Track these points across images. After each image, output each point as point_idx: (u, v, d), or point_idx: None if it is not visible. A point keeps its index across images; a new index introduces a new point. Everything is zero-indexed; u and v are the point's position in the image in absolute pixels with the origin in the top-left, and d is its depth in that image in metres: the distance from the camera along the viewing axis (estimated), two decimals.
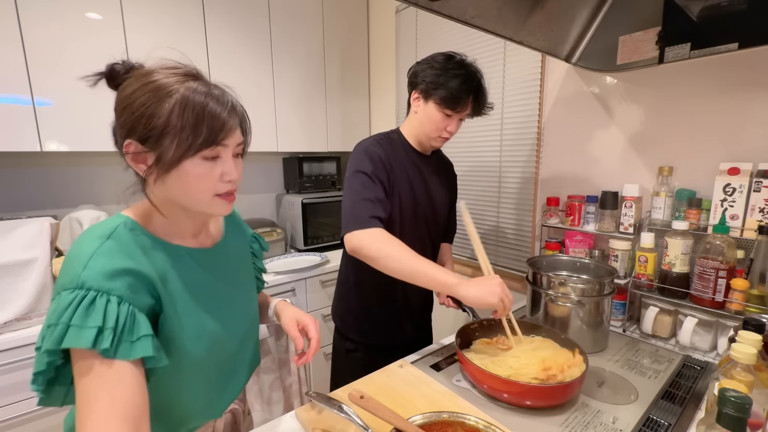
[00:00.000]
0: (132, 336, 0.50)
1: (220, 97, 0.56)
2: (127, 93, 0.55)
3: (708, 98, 1.08)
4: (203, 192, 0.57)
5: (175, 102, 0.53)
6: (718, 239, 0.98)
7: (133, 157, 0.55)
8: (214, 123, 0.54)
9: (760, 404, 0.58)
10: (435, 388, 0.83)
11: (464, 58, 1.01)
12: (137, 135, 0.54)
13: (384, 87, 2.23)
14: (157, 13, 1.53)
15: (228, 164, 0.58)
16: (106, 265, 0.50)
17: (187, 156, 0.54)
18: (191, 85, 0.55)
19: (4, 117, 1.27)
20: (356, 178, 0.98)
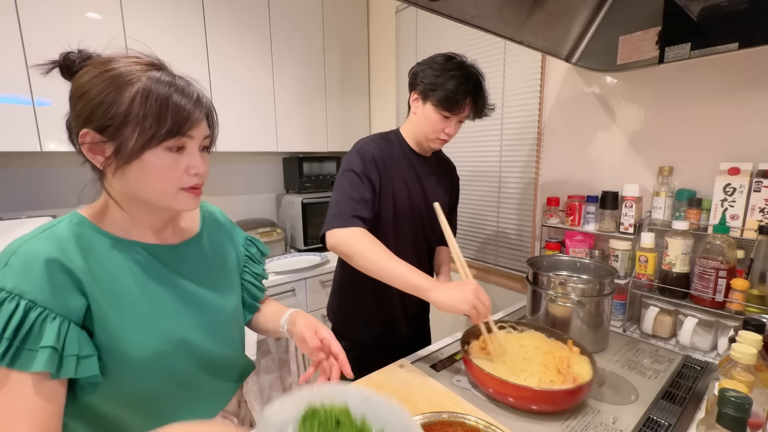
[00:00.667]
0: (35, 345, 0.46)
1: (185, 88, 0.54)
2: (84, 80, 0.52)
3: (708, 98, 1.08)
4: (167, 185, 0.54)
5: (137, 90, 0.50)
6: (719, 239, 0.98)
7: (90, 147, 0.52)
8: (179, 113, 0.52)
9: (760, 404, 0.58)
10: (435, 388, 0.83)
11: (464, 59, 1.01)
12: (95, 124, 0.51)
13: (384, 86, 2.23)
14: (156, 12, 1.53)
15: (194, 157, 0.55)
16: (27, 264, 0.48)
17: (149, 146, 0.51)
18: (154, 74, 0.52)
19: (4, 117, 1.27)
20: (345, 177, 0.99)
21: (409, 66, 2.08)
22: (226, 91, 1.74)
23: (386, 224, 1.06)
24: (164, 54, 1.72)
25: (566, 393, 0.74)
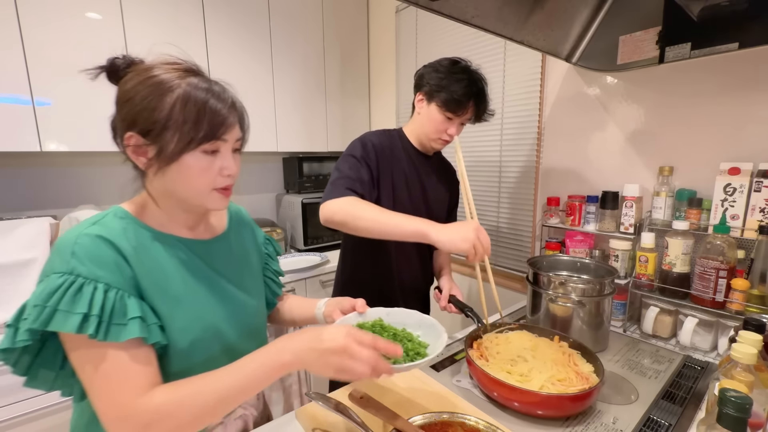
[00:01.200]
0: (121, 319, 0.51)
1: (221, 94, 0.57)
2: (128, 87, 0.56)
3: (708, 98, 1.08)
4: (202, 185, 0.58)
5: (177, 96, 0.54)
6: (719, 239, 0.98)
7: (134, 149, 0.56)
8: (215, 118, 0.55)
9: (760, 404, 0.58)
10: (435, 388, 0.83)
11: (469, 64, 1.05)
12: (138, 128, 0.54)
13: (384, 86, 2.23)
14: (156, 13, 1.53)
15: (227, 159, 0.59)
16: (93, 252, 0.51)
17: (188, 149, 0.55)
18: (192, 80, 0.55)
19: (4, 117, 1.27)
20: (344, 161, 1.02)
21: (409, 65, 2.09)
22: None
23: None
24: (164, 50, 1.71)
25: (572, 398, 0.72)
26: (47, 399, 1.18)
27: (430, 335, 0.74)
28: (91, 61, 1.50)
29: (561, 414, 0.75)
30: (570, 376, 0.77)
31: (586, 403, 0.75)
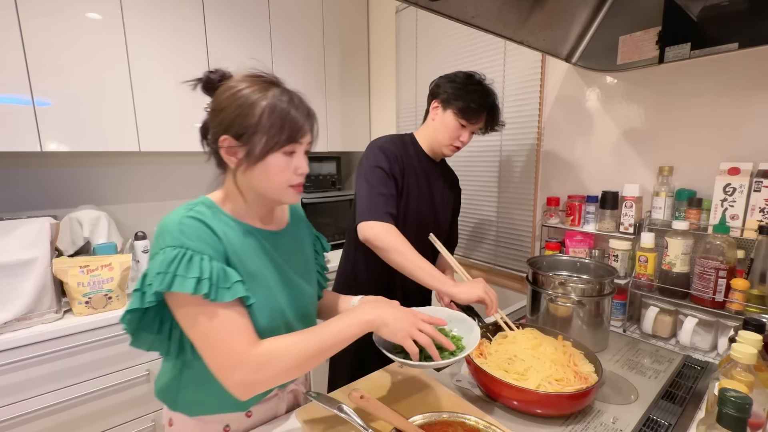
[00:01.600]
0: (226, 283, 0.60)
1: (300, 104, 0.66)
2: (224, 97, 0.64)
3: (708, 98, 1.08)
4: (281, 182, 0.67)
5: (265, 106, 0.63)
6: (719, 239, 0.98)
7: (227, 150, 0.65)
8: (294, 125, 0.64)
9: (760, 404, 0.58)
10: (435, 387, 0.83)
11: (483, 78, 1.11)
12: (233, 132, 0.63)
13: (384, 86, 2.23)
14: (157, 13, 1.53)
15: (301, 159, 0.68)
16: (196, 231, 0.61)
17: (272, 151, 0.64)
18: (276, 91, 0.64)
19: (4, 117, 1.27)
20: (374, 173, 1.05)
21: (409, 66, 2.08)
22: None
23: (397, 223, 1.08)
24: (164, 54, 1.72)
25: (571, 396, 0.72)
26: (47, 399, 1.18)
27: (463, 329, 0.81)
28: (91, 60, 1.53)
29: (559, 412, 0.75)
30: (568, 376, 0.77)
31: (584, 402, 0.75)
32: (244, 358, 0.59)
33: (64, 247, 1.45)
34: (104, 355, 1.27)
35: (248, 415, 0.74)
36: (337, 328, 0.64)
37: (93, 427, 1.28)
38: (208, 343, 0.60)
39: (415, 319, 0.67)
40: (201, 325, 0.59)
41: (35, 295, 1.17)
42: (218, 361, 0.59)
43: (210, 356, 0.60)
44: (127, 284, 1.37)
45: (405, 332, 0.65)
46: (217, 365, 0.60)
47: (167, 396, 0.72)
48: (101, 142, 1.46)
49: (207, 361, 0.60)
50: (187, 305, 0.59)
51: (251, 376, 0.59)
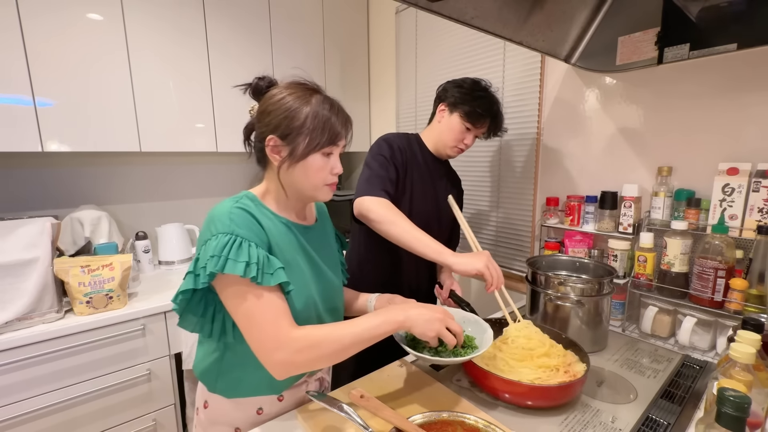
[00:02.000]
0: (270, 269, 0.65)
1: (340, 111, 0.73)
2: (272, 101, 0.71)
3: (707, 98, 1.08)
4: (319, 180, 0.73)
5: (310, 110, 0.69)
6: (717, 239, 0.98)
7: (273, 149, 0.71)
8: (334, 129, 0.71)
9: (758, 403, 0.59)
10: (435, 387, 0.83)
11: (489, 85, 1.15)
12: (279, 132, 0.70)
13: (384, 87, 2.23)
14: (157, 13, 1.53)
15: (337, 160, 0.74)
16: (244, 220, 0.66)
17: (313, 151, 0.70)
18: (318, 97, 0.72)
19: (6, 117, 1.27)
20: (375, 159, 1.10)
21: (409, 66, 2.09)
22: (227, 91, 1.74)
23: None
24: (165, 55, 1.72)
25: (560, 388, 0.74)
26: (47, 399, 1.19)
27: (476, 330, 0.86)
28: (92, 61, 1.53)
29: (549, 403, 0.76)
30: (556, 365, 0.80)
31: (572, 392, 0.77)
32: (287, 340, 0.64)
33: (65, 246, 1.46)
34: (105, 355, 1.28)
35: (280, 399, 0.78)
36: (372, 324, 0.68)
37: (93, 427, 1.28)
38: (253, 323, 0.64)
39: (443, 319, 0.71)
40: (247, 305, 0.64)
41: (36, 294, 1.17)
42: (262, 340, 0.64)
43: (254, 335, 0.65)
44: (127, 284, 1.37)
45: (434, 332, 0.69)
46: (260, 344, 0.64)
47: (208, 378, 0.77)
48: (102, 142, 1.46)
49: (250, 341, 0.65)
50: (236, 286, 0.64)
51: (291, 357, 0.64)
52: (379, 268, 1.20)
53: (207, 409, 0.78)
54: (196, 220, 1.96)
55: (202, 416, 0.79)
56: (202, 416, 0.79)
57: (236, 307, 0.65)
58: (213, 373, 0.76)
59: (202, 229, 0.68)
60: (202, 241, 0.66)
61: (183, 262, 1.78)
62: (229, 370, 0.75)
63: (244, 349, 0.68)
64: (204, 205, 2.03)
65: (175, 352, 1.42)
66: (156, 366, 1.38)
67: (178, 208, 1.96)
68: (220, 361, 0.75)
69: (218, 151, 1.75)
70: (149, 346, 1.36)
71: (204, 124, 1.70)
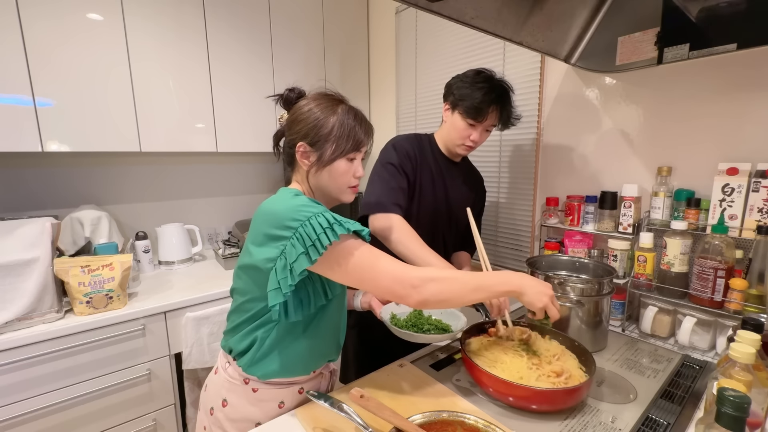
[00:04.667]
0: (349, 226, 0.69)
1: (363, 119, 0.80)
2: (302, 111, 0.78)
3: (707, 98, 1.08)
4: (343, 183, 0.79)
5: (336, 119, 0.76)
6: (717, 239, 0.98)
7: (302, 154, 0.78)
8: (357, 136, 0.77)
9: (758, 403, 0.59)
10: (435, 387, 0.83)
11: (492, 73, 1.12)
12: (309, 139, 0.76)
13: (384, 87, 2.23)
14: (157, 14, 1.53)
15: (359, 165, 0.81)
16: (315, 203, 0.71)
17: (339, 156, 0.76)
18: (344, 107, 0.79)
19: (6, 117, 1.27)
20: (384, 168, 1.10)
21: (409, 66, 2.09)
22: (227, 91, 1.74)
23: (410, 217, 1.10)
24: (165, 55, 1.72)
25: (565, 392, 0.74)
26: (47, 399, 1.19)
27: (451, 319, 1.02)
28: (92, 61, 1.54)
29: (554, 408, 0.76)
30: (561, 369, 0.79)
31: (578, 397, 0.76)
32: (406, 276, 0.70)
33: (66, 246, 1.46)
34: (105, 355, 1.28)
35: (300, 392, 0.81)
36: (493, 281, 0.75)
37: (93, 427, 1.28)
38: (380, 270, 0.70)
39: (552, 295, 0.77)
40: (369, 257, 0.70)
41: (36, 294, 1.17)
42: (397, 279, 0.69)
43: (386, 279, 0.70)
44: (127, 284, 1.37)
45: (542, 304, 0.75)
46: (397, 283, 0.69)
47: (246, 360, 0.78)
48: (102, 142, 1.46)
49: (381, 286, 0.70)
50: (351, 248, 0.69)
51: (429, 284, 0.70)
52: None
53: (226, 408, 0.79)
54: (196, 220, 1.96)
55: (219, 415, 0.79)
56: (219, 415, 0.79)
57: (364, 262, 0.69)
58: (254, 347, 0.77)
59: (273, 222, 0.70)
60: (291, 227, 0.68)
61: (183, 262, 1.78)
62: (270, 352, 0.77)
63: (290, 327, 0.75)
64: (204, 205, 2.03)
65: (175, 352, 1.42)
66: (156, 366, 1.38)
67: (178, 208, 1.96)
68: (267, 336, 0.77)
69: (218, 151, 1.75)
70: (149, 346, 1.36)
71: (204, 124, 1.70)
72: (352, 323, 1.21)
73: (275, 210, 0.71)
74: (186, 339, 1.41)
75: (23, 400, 1.15)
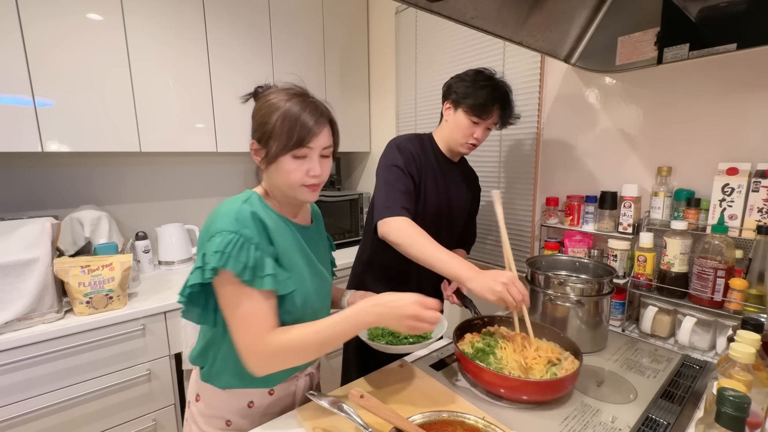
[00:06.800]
0: (261, 273, 0.68)
1: (313, 111, 0.73)
2: (256, 107, 0.75)
3: (706, 98, 1.08)
4: (294, 182, 0.73)
5: (279, 114, 0.70)
6: (717, 239, 0.98)
7: (254, 152, 0.76)
8: (303, 131, 0.71)
9: (758, 403, 0.59)
10: (435, 387, 0.83)
11: (493, 73, 1.12)
12: (257, 136, 0.74)
13: (384, 87, 2.23)
14: (157, 14, 1.53)
15: (313, 162, 0.74)
16: (248, 221, 0.69)
17: (281, 154, 0.71)
18: (295, 100, 0.72)
19: (6, 117, 1.27)
20: (390, 172, 1.09)
21: (409, 66, 2.09)
22: (227, 91, 1.74)
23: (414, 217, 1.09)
24: (165, 55, 1.72)
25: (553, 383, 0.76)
26: (47, 399, 1.18)
27: None
28: (92, 61, 1.54)
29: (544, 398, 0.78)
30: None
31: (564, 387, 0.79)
32: (262, 347, 0.68)
33: (65, 247, 1.46)
34: (105, 355, 1.27)
35: (271, 393, 0.81)
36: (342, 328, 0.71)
37: (93, 427, 1.28)
38: (239, 323, 0.68)
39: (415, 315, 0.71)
40: (237, 304, 0.68)
41: (36, 294, 1.17)
42: (244, 342, 0.68)
43: (238, 335, 0.68)
44: (127, 284, 1.37)
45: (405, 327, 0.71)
46: (242, 345, 0.68)
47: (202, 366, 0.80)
48: (102, 142, 1.46)
49: (234, 338, 0.69)
50: (231, 285, 0.67)
51: (266, 361, 0.69)
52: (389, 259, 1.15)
53: (198, 402, 0.80)
54: (196, 220, 1.96)
55: (193, 409, 0.81)
56: (193, 409, 0.81)
57: (227, 304, 0.69)
58: (209, 362, 0.79)
59: (206, 225, 0.71)
60: (206, 236, 0.69)
61: (183, 262, 1.78)
62: (225, 360, 0.76)
63: None
64: (204, 205, 2.03)
65: (175, 352, 1.42)
66: (156, 366, 1.38)
67: (178, 208, 1.96)
68: (218, 351, 0.77)
69: (218, 151, 1.75)
70: (149, 346, 1.36)
71: (204, 124, 1.70)
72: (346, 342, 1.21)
73: (214, 212, 0.71)
74: (186, 339, 1.41)
75: (23, 400, 1.15)
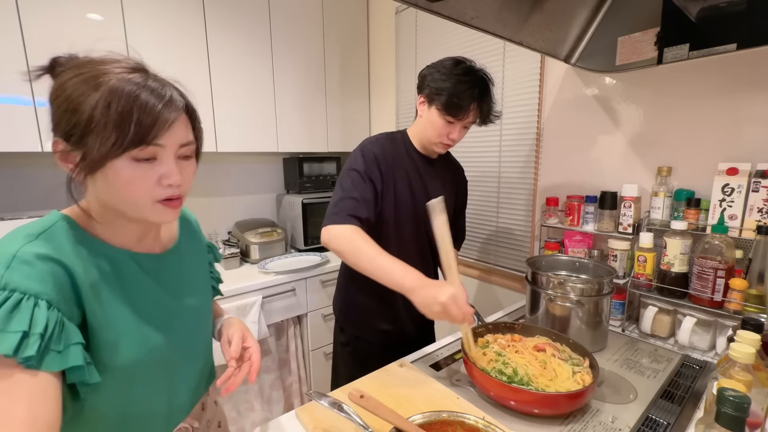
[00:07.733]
0: (59, 345, 0.45)
1: (156, 90, 0.49)
2: (57, 83, 0.49)
3: (707, 98, 1.08)
4: (138, 197, 0.50)
5: (101, 95, 0.46)
6: (717, 239, 0.98)
7: (60, 156, 0.51)
8: (144, 119, 0.47)
9: (758, 403, 0.59)
10: (435, 387, 0.83)
11: (472, 64, 1.01)
12: (61, 132, 0.49)
13: (384, 87, 2.23)
14: (157, 14, 1.53)
15: (168, 166, 0.51)
16: (33, 266, 0.45)
17: (111, 156, 0.47)
18: (125, 76, 0.48)
19: (5, 117, 1.27)
20: (347, 176, 1.00)
21: (409, 66, 2.09)
22: (227, 91, 1.74)
23: (387, 225, 1.06)
24: (165, 55, 1.72)
25: (569, 396, 0.73)
26: None
27: None
28: None
29: (557, 412, 0.75)
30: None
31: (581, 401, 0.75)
32: None
33: None
34: None
35: None
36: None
37: None
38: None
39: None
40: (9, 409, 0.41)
41: None
42: None
43: None
44: None
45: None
46: None
47: None
48: None
49: None
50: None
51: None
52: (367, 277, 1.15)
53: None
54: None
55: None
56: None
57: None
58: None
59: None
60: None
61: None
62: None
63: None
64: (204, 205, 2.03)
65: None
66: None
67: None
68: None
69: (218, 151, 1.75)
70: None
71: (204, 124, 1.70)
72: (345, 341, 1.19)
73: None
74: None
75: None
